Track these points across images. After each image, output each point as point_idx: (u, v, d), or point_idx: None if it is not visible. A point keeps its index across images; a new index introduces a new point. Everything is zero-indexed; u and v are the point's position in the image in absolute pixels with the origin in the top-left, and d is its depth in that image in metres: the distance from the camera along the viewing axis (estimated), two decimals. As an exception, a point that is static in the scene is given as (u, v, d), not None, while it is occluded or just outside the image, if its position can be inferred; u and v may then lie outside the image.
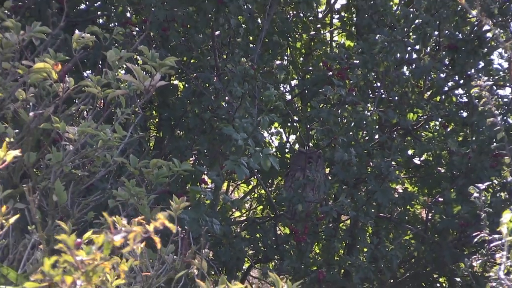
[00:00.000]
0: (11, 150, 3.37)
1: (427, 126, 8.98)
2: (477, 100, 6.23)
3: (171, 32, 7.49)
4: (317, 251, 8.47)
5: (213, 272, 7.06)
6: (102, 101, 4.85)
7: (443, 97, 8.74)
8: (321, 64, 9.03)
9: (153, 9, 7.30)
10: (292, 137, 9.33)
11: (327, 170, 8.25)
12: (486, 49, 7.98)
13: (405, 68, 8.35)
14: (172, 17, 7.42)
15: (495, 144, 6.77)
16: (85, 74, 5.75)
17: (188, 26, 7.75)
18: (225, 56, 8.12)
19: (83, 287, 3.10)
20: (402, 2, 9.29)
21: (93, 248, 3.19)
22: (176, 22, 7.53)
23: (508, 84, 8.09)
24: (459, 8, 7.67)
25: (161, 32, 7.41)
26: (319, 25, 9.69)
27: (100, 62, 6.72)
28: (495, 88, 8.06)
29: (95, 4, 8.01)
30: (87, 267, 3.14)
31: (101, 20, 7.87)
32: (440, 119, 8.58)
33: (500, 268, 4.05)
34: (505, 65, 8.24)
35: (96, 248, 3.12)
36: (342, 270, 8.28)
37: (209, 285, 3.51)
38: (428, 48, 8.44)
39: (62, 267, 3.12)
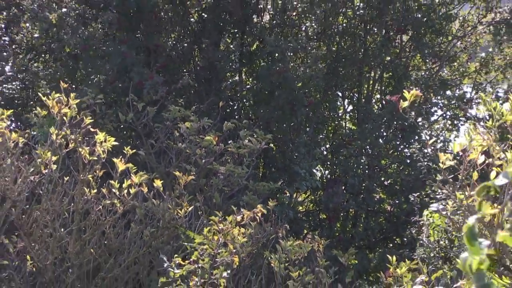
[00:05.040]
0: (190, 177, 3.27)
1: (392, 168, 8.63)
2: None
3: (271, 125, 7.44)
4: (338, 226, 8.20)
5: (289, 236, 6.86)
6: (237, 154, 4.77)
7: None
8: (340, 137, 8.84)
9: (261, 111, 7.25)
10: (327, 172, 9.07)
11: (344, 188, 8.01)
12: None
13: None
14: (270, 118, 7.36)
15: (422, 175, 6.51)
16: (229, 142, 5.64)
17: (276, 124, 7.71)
18: (294, 136, 8.00)
19: (222, 240, 3.02)
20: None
21: (227, 222, 3.12)
22: (272, 120, 7.47)
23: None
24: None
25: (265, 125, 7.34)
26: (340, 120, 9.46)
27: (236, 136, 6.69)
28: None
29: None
30: (224, 231, 3.05)
31: (236, 116, 7.83)
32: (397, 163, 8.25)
33: (423, 235, 4.10)
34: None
35: (228, 222, 3.08)
36: (351, 235, 8.00)
37: (285, 243, 3.35)
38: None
39: (213, 231, 3.06)
